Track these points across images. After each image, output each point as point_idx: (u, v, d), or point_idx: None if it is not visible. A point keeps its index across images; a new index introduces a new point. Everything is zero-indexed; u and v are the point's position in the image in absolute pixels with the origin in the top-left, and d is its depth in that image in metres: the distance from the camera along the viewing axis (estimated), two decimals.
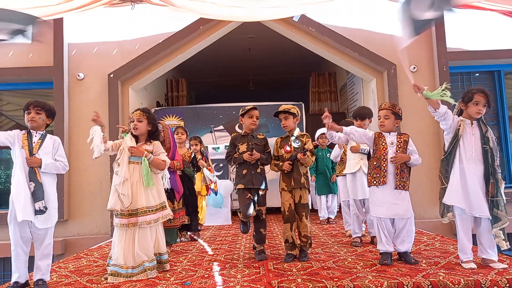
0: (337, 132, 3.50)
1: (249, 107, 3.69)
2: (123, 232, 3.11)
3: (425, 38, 6.16)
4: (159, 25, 6.25)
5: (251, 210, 3.55)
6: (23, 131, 3.00)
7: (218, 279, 2.98)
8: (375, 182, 3.32)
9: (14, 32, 3.06)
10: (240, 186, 3.60)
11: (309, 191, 3.64)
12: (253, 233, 3.72)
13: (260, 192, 3.62)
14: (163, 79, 9.12)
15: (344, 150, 4.63)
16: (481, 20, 6.10)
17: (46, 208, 2.84)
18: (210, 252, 4.12)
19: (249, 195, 3.57)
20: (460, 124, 3.13)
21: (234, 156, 3.65)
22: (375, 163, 3.35)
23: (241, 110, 3.73)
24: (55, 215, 2.97)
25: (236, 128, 7.36)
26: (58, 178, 6.09)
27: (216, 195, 5.74)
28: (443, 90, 3.02)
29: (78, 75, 6.10)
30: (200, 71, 10.49)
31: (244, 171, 3.61)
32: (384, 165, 3.30)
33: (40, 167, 2.88)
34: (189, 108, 8.20)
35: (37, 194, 2.82)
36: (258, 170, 3.63)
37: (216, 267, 3.37)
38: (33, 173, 2.86)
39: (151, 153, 3.27)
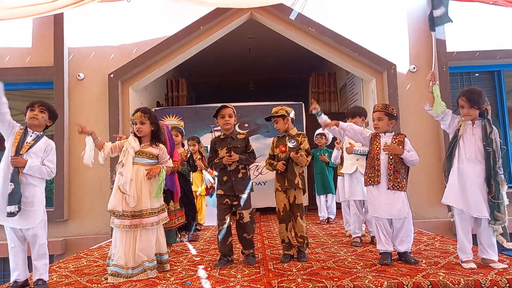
0: (333, 127, 3.44)
1: (219, 107, 3.54)
2: (124, 233, 3.09)
3: (425, 38, 6.16)
4: (159, 25, 6.25)
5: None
6: (22, 127, 2.94)
7: (218, 279, 2.98)
8: (370, 181, 3.34)
9: None
10: (220, 192, 3.51)
11: (304, 192, 3.61)
12: (238, 238, 3.58)
13: (243, 196, 3.47)
14: (163, 79, 9.11)
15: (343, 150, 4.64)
16: (481, 20, 6.10)
17: (19, 210, 2.71)
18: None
19: (226, 200, 3.47)
20: (461, 124, 3.13)
21: (214, 162, 3.53)
22: (369, 163, 3.38)
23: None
24: (38, 216, 2.83)
25: (236, 128, 7.32)
26: (59, 178, 6.06)
27: (211, 197, 5.69)
28: (444, 105, 3.19)
29: (78, 75, 6.10)
30: (200, 71, 10.48)
31: (225, 178, 3.50)
32: (377, 164, 3.31)
33: (24, 168, 2.78)
34: (189, 108, 8.18)
35: (13, 197, 2.70)
36: (240, 175, 3.49)
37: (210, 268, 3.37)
38: (16, 173, 2.75)
39: (157, 157, 3.27)
